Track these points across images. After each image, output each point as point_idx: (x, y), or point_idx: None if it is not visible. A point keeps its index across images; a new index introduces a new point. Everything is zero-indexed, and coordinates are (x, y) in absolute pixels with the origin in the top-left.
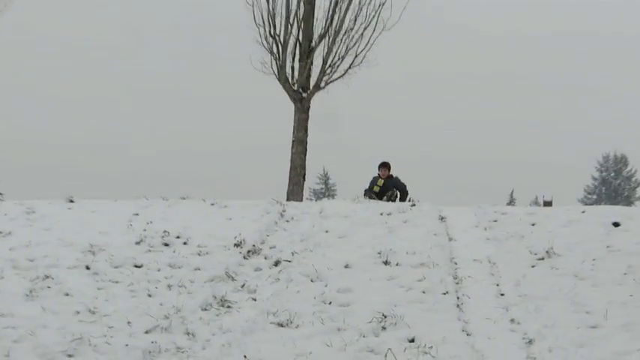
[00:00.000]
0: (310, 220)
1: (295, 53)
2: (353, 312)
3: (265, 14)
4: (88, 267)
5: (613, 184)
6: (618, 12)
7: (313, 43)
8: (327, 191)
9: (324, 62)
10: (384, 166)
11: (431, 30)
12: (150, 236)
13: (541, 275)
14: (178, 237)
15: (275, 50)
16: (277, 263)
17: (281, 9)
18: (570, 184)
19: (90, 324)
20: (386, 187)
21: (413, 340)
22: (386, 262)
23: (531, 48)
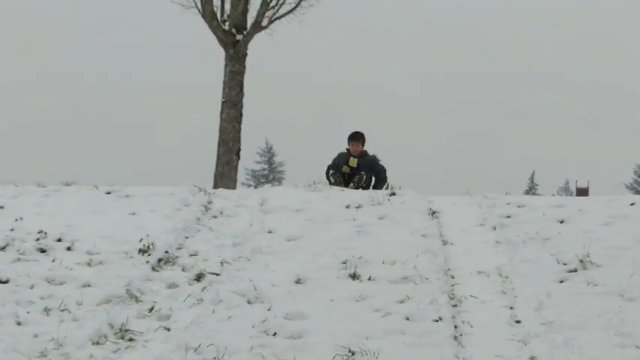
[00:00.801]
0: (247, 216)
1: None
2: (307, 347)
3: None
4: None
5: None
6: None
7: None
8: (272, 174)
9: None
10: (357, 139)
11: None
12: (19, 239)
13: (573, 294)
14: (60, 240)
15: None
16: (200, 277)
17: None
18: (614, 164)
19: None
20: (359, 169)
21: None
22: (354, 276)
23: None
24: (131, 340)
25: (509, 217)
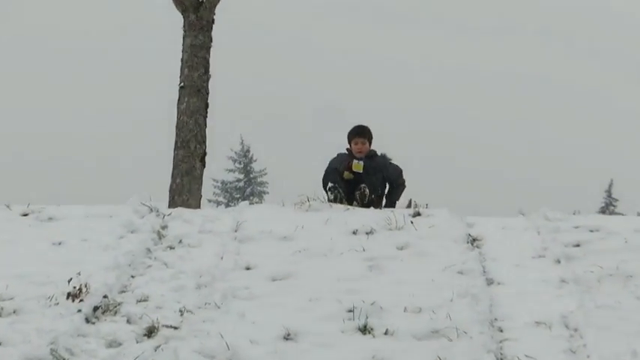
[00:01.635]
0: (216, 246)
1: None
2: None
3: None
4: None
5: None
6: None
7: None
8: (250, 187)
9: None
10: (362, 134)
11: None
12: None
13: None
14: None
15: None
16: (152, 332)
17: None
18: None
19: None
20: (366, 175)
21: None
22: (365, 329)
23: None
24: None
25: (578, 246)
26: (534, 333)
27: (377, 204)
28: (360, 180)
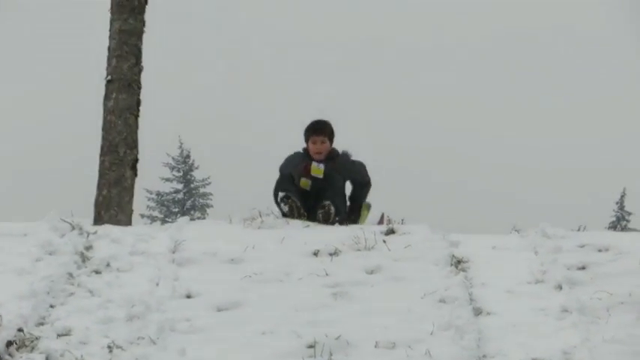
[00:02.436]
0: (150, 270)
1: None
2: None
3: None
4: None
5: None
6: None
7: None
8: (190, 199)
9: None
10: (321, 132)
11: None
12: None
13: None
14: None
15: None
16: None
17: None
18: None
19: None
20: (328, 181)
21: None
22: None
23: None
24: None
25: (583, 269)
26: None
27: (338, 218)
28: (321, 188)
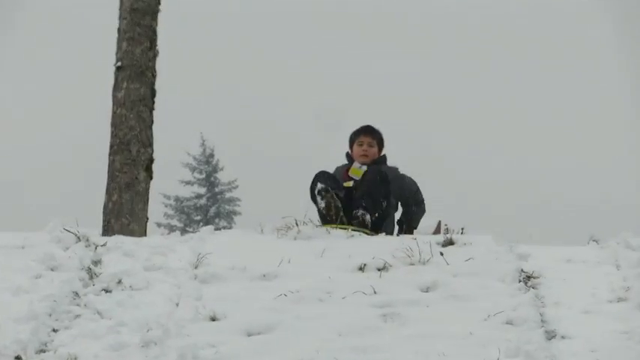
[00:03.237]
0: (169, 288)
1: None
2: None
3: None
4: None
5: None
6: None
7: None
8: (215, 205)
9: None
10: (370, 133)
11: None
12: None
13: None
14: None
15: None
16: None
17: None
18: None
19: None
20: (368, 185)
21: None
22: None
23: None
24: None
25: None
26: None
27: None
28: (363, 191)
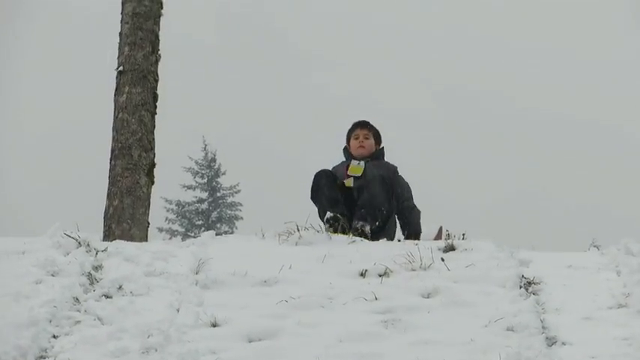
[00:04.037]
0: (170, 294)
1: None
2: None
3: None
4: None
5: None
6: None
7: None
8: (216, 210)
9: None
10: (365, 125)
11: None
12: None
13: None
14: None
15: None
16: None
17: None
18: None
19: None
20: (367, 181)
21: None
22: None
23: None
24: None
25: None
26: None
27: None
28: (357, 190)
